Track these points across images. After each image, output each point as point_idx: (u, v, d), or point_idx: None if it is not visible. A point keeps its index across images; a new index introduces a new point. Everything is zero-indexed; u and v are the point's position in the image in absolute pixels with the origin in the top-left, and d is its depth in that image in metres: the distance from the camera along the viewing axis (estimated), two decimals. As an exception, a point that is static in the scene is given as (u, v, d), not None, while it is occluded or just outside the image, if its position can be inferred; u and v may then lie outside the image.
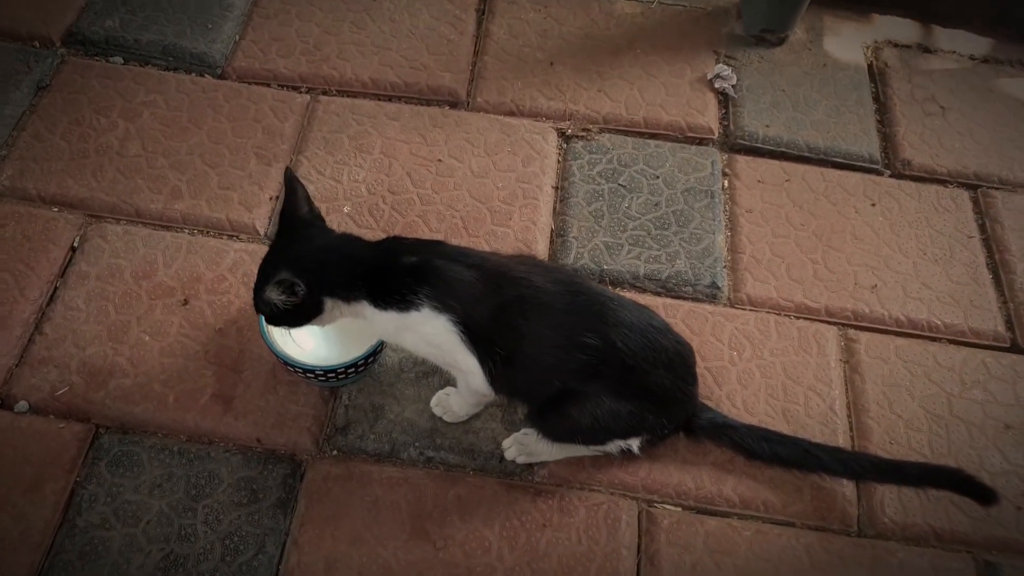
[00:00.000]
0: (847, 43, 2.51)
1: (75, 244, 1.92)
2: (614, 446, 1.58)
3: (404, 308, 1.43)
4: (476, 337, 1.42)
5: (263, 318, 1.66)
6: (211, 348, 1.79)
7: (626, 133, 2.23)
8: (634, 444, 1.59)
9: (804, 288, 1.99)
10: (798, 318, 1.95)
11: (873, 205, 2.16)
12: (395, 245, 1.50)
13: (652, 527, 1.64)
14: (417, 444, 1.71)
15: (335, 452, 1.70)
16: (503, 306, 1.41)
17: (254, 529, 1.58)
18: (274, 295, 1.44)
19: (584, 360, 1.41)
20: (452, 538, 1.60)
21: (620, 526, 1.64)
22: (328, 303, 1.50)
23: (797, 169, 2.22)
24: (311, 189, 2.01)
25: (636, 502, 1.68)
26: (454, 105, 2.25)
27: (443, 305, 1.40)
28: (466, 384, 1.54)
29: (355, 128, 2.16)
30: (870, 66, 2.48)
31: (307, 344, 1.73)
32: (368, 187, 2.06)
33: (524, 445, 1.68)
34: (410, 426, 1.73)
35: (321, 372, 1.64)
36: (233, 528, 1.58)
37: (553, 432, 1.54)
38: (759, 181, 2.18)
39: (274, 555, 1.56)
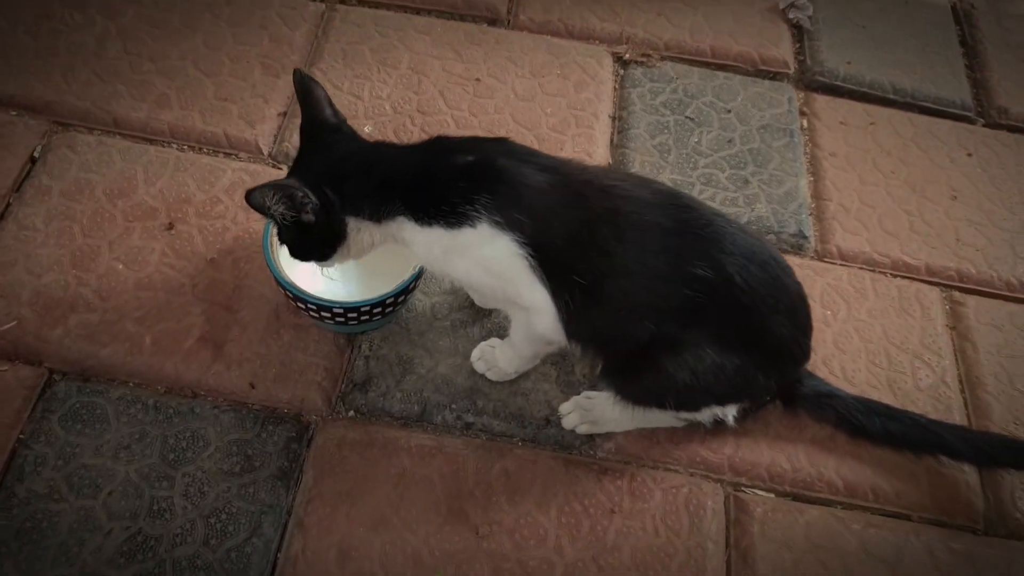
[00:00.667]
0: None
1: (36, 154, 1.58)
2: (707, 414, 1.26)
3: (454, 223, 1.11)
4: (549, 263, 1.10)
5: (268, 237, 1.33)
6: (200, 282, 1.45)
7: (691, 62, 1.93)
8: (731, 413, 1.28)
9: (900, 242, 1.70)
10: (895, 276, 1.66)
11: (969, 155, 1.88)
12: (442, 144, 1.18)
13: (742, 516, 1.33)
14: (454, 406, 1.38)
15: (352, 413, 1.37)
16: (588, 222, 1.09)
17: (248, 505, 1.25)
18: (270, 202, 1.11)
19: (689, 297, 1.09)
20: (499, 523, 1.28)
21: (704, 514, 1.33)
22: (352, 224, 1.18)
23: (882, 112, 1.93)
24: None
25: (721, 485, 1.37)
26: (493, 22, 1.93)
27: (507, 220, 1.08)
28: (527, 328, 1.22)
29: (378, 40, 1.84)
30: (953, 7, 2.20)
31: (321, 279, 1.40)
32: (393, 105, 1.73)
33: (587, 411, 1.36)
34: (445, 384, 1.40)
35: (340, 311, 1.30)
36: (221, 504, 1.25)
37: (636, 393, 1.22)
38: (841, 123, 1.89)
39: (272, 539, 1.23)
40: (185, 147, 1.63)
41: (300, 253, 1.25)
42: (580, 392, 1.41)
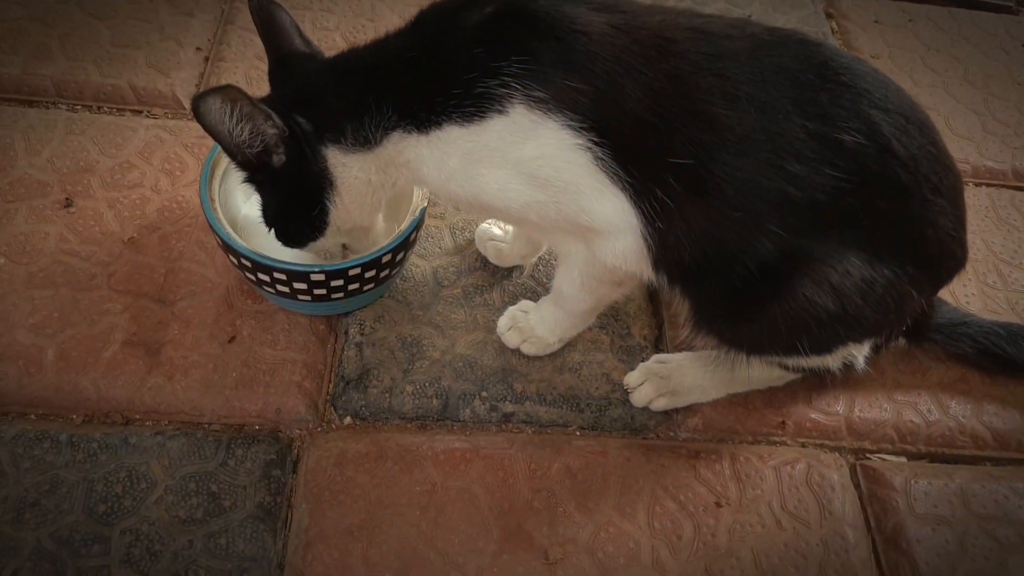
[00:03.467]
0: None
1: None
2: (839, 356, 0.93)
3: (474, 114, 0.77)
4: (626, 149, 0.76)
5: (205, 187, 0.96)
6: (117, 269, 1.06)
7: (692, -33, 1.62)
8: (863, 352, 0.95)
9: (977, 146, 1.42)
10: (981, 184, 1.37)
11: None
12: (440, 8, 0.83)
13: (878, 489, 1.01)
14: (485, 394, 1.03)
15: (349, 419, 1.00)
16: (681, 76, 0.75)
17: (220, 563, 0.87)
18: (228, 117, 0.76)
19: (834, 180, 0.76)
20: (573, 541, 0.92)
21: (833, 492, 1.00)
22: (336, 158, 0.83)
23: (918, 9, 1.67)
24: (259, 43, 1.33)
25: (841, 453, 1.05)
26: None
27: (554, 93, 0.75)
28: (589, 264, 0.87)
29: (314, -35, 1.48)
30: None
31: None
32: (345, 35, 1.38)
33: (664, 379, 1.02)
34: (468, 367, 1.05)
35: (319, 278, 0.94)
36: (182, 566, 0.87)
37: (755, 338, 0.88)
38: (875, 22, 1.61)
39: (260, 607, 0.85)
40: (77, 106, 1.24)
41: (288, 226, 0.92)
42: (644, 358, 1.07)
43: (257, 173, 0.86)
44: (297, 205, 0.88)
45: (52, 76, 1.25)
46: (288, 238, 0.92)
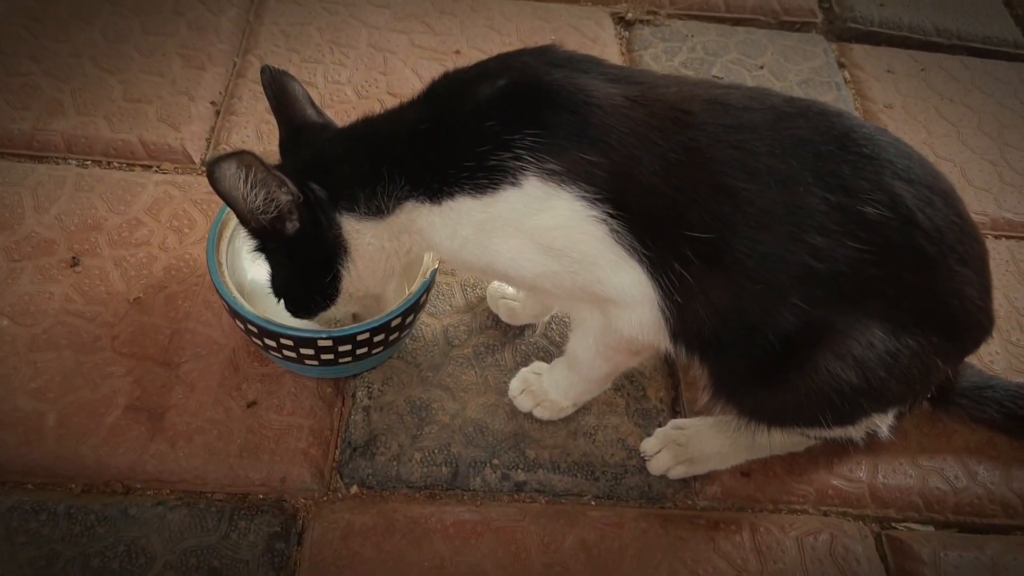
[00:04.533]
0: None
1: None
2: (862, 427, 0.90)
3: (487, 186, 0.75)
4: (642, 221, 0.74)
5: (214, 253, 0.94)
6: (122, 331, 1.04)
7: (702, 18, 1.63)
8: (887, 421, 0.92)
9: (995, 198, 1.40)
10: (1000, 236, 1.35)
11: (1038, 96, 1.60)
12: (452, 80, 0.82)
13: (906, 561, 0.98)
14: (496, 461, 1.00)
15: (356, 488, 0.97)
16: (699, 149, 0.73)
17: (221, 642, 0.84)
18: (243, 181, 0.75)
19: (856, 252, 0.74)
20: (588, 619, 0.89)
21: (856, 567, 0.96)
22: (350, 226, 0.82)
23: (930, 58, 1.66)
24: (266, 101, 1.32)
25: (865, 522, 1.01)
26: (463, -11, 1.59)
27: (568, 166, 0.73)
28: (605, 332, 0.85)
29: (326, 18, 1.48)
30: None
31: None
32: (357, 88, 1.37)
33: (682, 446, 0.99)
34: (479, 433, 1.02)
35: (327, 343, 0.91)
36: (180, 645, 0.83)
37: (775, 410, 0.85)
38: (888, 71, 1.60)
39: None
40: (87, 162, 1.23)
41: (299, 296, 0.90)
42: (661, 422, 1.04)
43: (269, 241, 0.85)
44: (310, 272, 0.86)
45: (63, 131, 1.24)
46: (299, 308, 0.90)
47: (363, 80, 1.38)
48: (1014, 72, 1.65)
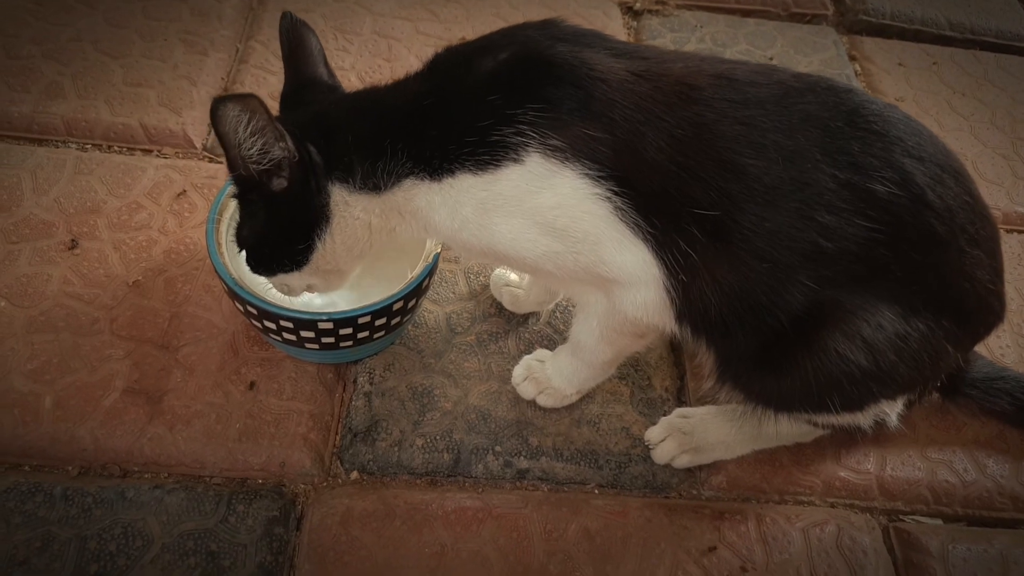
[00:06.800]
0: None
1: None
2: (871, 414, 0.88)
3: (488, 162, 0.73)
4: (647, 199, 0.73)
5: (213, 234, 0.93)
6: (120, 314, 1.03)
7: (712, 9, 1.62)
8: (896, 409, 0.91)
9: (1007, 191, 1.38)
10: (1012, 231, 1.33)
11: (1050, 91, 1.58)
12: (455, 53, 0.80)
13: (914, 554, 0.96)
14: (498, 448, 0.98)
15: (356, 473, 0.96)
16: (705, 124, 0.72)
17: (216, 628, 0.82)
18: (242, 127, 0.72)
19: (866, 231, 0.72)
20: (590, 609, 0.87)
21: (863, 559, 0.95)
22: (339, 196, 0.80)
23: (942, 51, 1.64)
24: (273, 82, 1.32)
25: (873, 515, 1.00)
26: (469, -22, 1.57)
27: (571, 142, 0.71)
28: (609, 315, 0.84)
29: (331, 5, 1.47)
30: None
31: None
32: (360, 75, 1.36)
33: (687, 435, 0.98)
34: (481, 420, 1.00)
35: (328, 326, 0.90)
36: (176, 630, 0.82)
37: (782, 394, 0.84)
38: (900, 64, 1.58)
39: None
40: (87, 145, 1.22)
41: (263, 254, 0.86)
42: (666, 411, 1.03)
43: (252, 192, 0.81)
44: (284, 234, 0.83)
45: (63, 114, 1.23)
46: (259, 264, 0.86)
47: (367, 67, 1.37)
48: (1025, 66, 1.63)
